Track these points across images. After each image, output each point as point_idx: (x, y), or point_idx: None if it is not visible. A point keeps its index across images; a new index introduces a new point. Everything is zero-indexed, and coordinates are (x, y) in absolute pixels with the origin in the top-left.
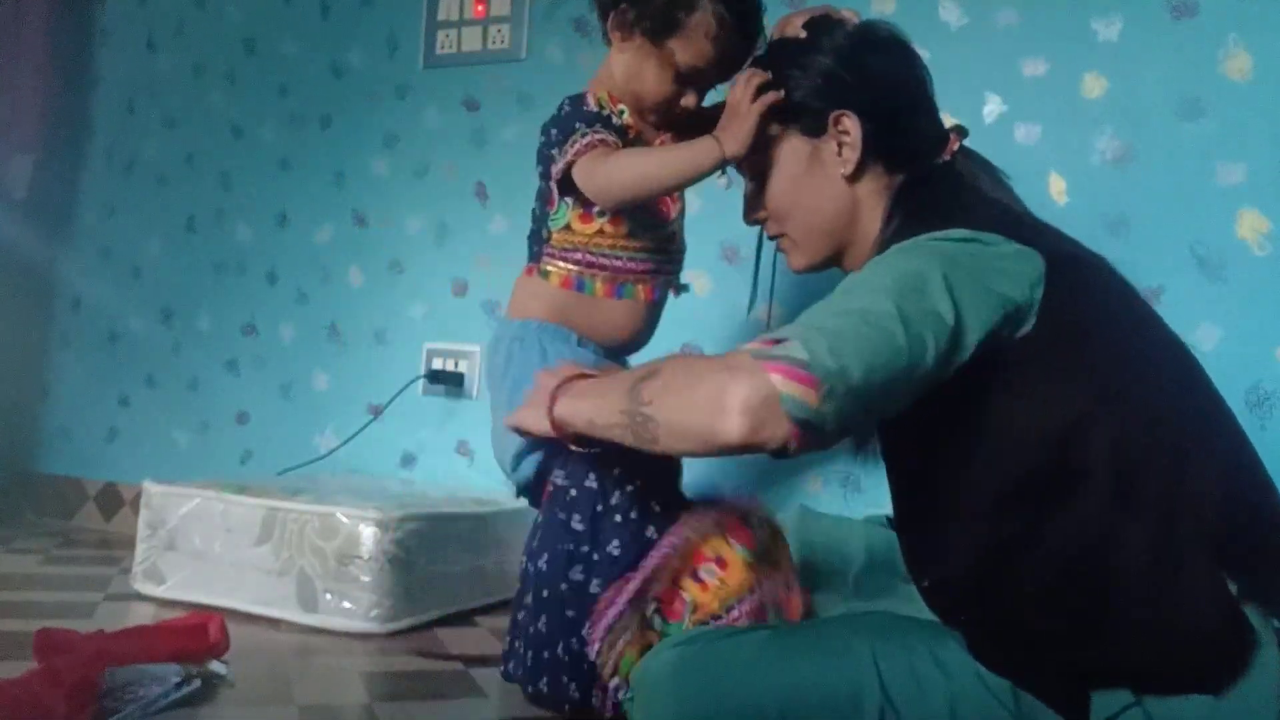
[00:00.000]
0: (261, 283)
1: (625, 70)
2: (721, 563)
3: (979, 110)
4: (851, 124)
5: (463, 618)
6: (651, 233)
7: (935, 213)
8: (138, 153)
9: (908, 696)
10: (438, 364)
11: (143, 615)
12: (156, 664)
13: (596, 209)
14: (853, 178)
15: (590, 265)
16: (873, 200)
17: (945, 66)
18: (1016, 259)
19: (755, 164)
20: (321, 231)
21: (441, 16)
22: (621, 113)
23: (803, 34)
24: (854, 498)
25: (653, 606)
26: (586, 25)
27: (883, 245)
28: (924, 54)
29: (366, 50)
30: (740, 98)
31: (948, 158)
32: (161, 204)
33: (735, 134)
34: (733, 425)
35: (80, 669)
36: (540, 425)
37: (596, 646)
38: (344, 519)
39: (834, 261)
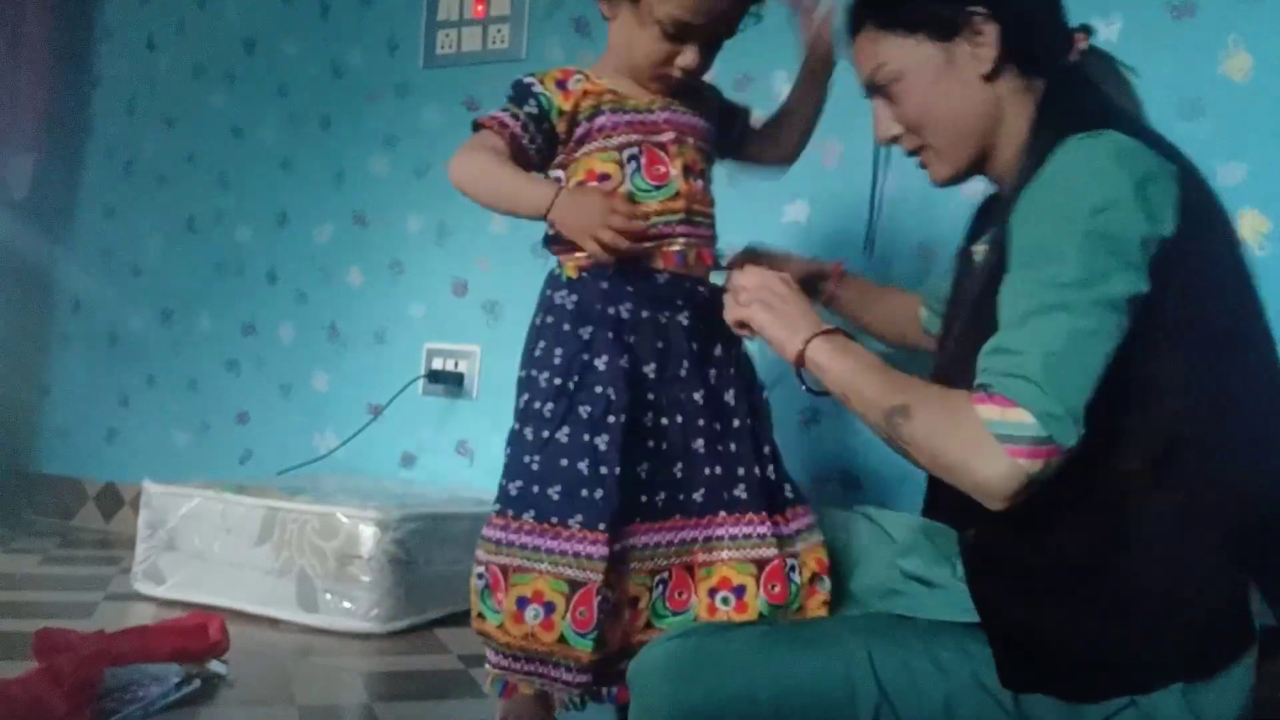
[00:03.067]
0: (261, 283)
1: (617, 39)
2: (740, 599)
3: None
4: (985, 23)
5: (463, 618)
6: (654, 195)
7: (1084, 124)
8: (138, 153)
9: (904, 692)
10: (438, 364)
11: (143, 615)
12: (156, 664)
13: (588, 186)
14: (990, 77)
15: None
16: (1014, 100)
17: None
18: (1165, 189)
19: (881, 80)
20: (321, 231)
21: (441, 16)
22: (577, 81)
23: None
24: (853, 496)
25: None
26: (586, 25)
27: (1033, 157)
28: None
29: (366, 50)
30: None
31: (1076, 58)
32: (161, 204)
33: (573, 221)
34: (997, 499)
35: (80, 669)
36: (789, 346)
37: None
38: (344, 519)
39: (977, 169)
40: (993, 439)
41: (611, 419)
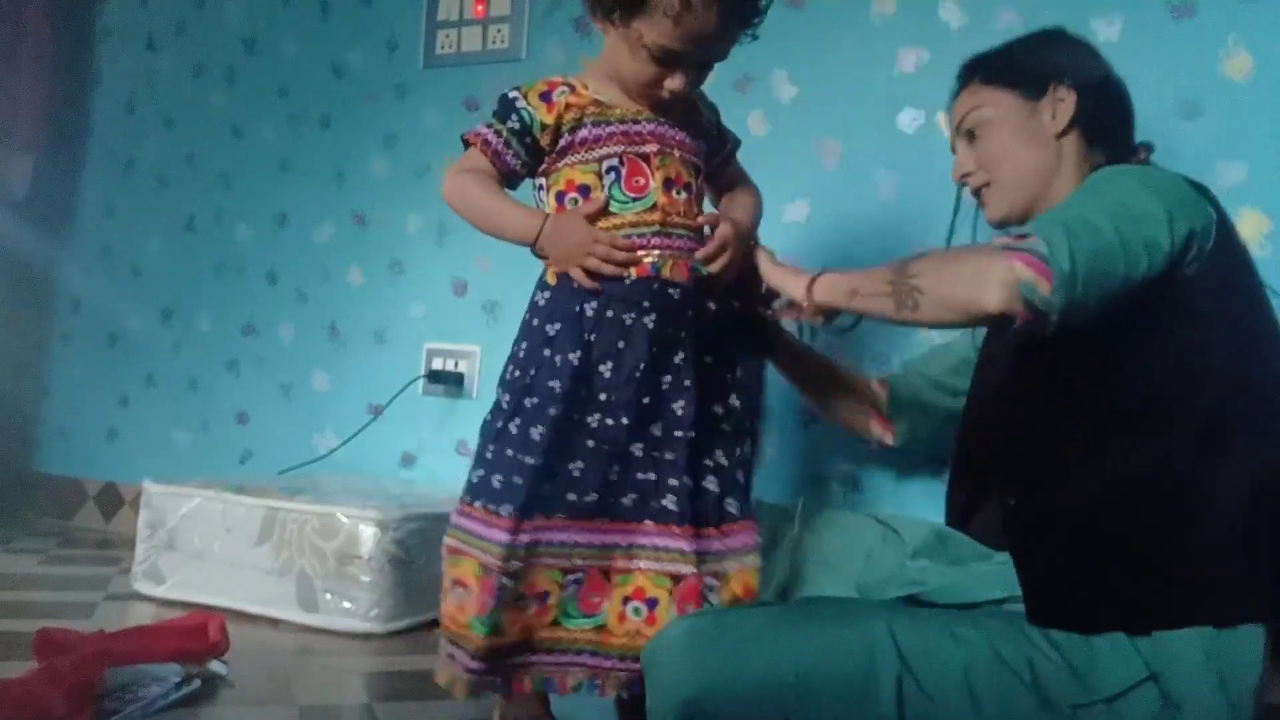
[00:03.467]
0: (261, 283)
1: (608, 54)
2: (652, 612)
3: None
4: (1068, 93)
5: None
6: (630, 207)
7: None
8: (138, 153)
9: (924, 663)
10: (438, 364)
11: (143, 615)
12: (156, 664)
13: (568, 196)
14: (1059, 135)
15: None
16: (1071, 165)
17: (945, 66)
18: (1197, 200)
19: (970, 123)
20: (321, 231)
21: (441, 16)
22: (561, 93)
23: None
24: (852, 498)
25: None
26: (586, 25)
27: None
28: (924, 54)
29: (366, 50)
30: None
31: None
32: (161, 204)
33: (557, 251)
34: (994, 298)
35: (80, 669)
36: (797, 290)
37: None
38: (344, 519)
39: (1026, 216)
40: (1002, 253)
41: (552, 410)
